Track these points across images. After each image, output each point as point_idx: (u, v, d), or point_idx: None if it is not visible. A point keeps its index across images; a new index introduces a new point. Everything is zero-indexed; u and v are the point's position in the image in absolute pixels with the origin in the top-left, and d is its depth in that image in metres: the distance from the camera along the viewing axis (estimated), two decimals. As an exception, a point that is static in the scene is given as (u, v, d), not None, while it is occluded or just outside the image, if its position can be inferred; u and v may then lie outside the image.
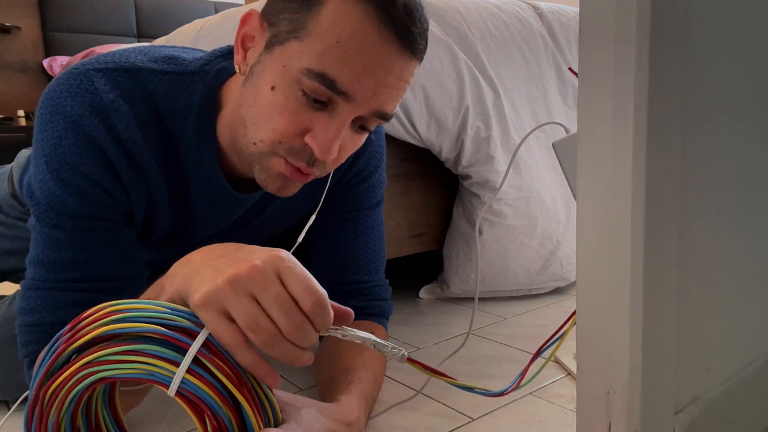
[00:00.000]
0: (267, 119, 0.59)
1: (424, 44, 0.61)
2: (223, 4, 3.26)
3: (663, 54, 0.43)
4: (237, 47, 0.63)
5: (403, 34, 0.57)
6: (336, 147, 0.59)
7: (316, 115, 0.59)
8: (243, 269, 0.47)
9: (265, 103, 0.59)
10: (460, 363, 0.91)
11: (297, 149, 0.60)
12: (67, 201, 0.61)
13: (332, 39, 0.56)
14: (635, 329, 0.46)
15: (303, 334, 0.47)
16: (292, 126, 0.59)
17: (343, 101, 0.58)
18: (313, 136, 0.59)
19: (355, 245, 0.82)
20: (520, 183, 1.20)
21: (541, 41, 1.30)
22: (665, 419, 0.50)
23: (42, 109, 0.62)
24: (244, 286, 0.47)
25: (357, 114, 0.59)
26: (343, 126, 0.59)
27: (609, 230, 0.45)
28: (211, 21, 1.41)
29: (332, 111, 0.59)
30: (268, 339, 0.47)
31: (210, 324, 0.46)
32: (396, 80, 0.59)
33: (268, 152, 0.61)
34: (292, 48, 0.57)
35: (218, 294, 0.46)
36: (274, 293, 0.47)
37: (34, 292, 0.63)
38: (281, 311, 0.47)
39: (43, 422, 0.47)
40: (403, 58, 0.58)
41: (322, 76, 0.56)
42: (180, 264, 0.53)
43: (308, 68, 0.56)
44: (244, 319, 0.46)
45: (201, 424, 0.45)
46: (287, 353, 0.48)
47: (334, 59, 0.56)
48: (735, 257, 0.59)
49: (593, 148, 0.46)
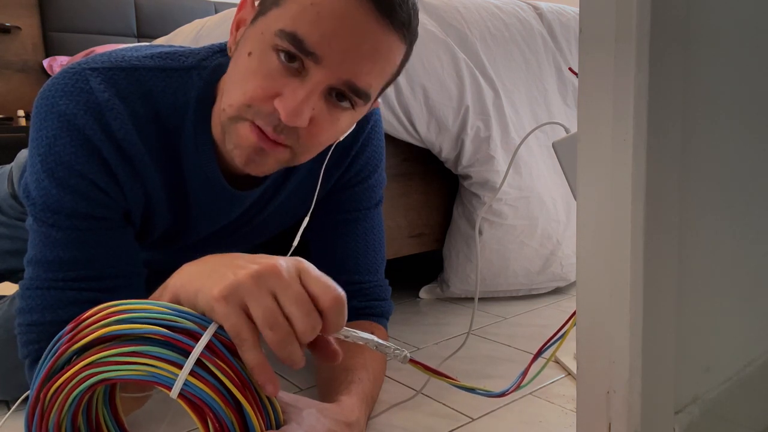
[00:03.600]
0: (240, 83, 0.59)
1: (407, 18, 0.59)
2: (223, 4, 3.26)
3: (663, 54, 0.43)
4: (231, 32, 0.64)
5: (381, 1, 0.56)
6: (305, 112, 0.58)
7: (288, 80, 0.58)
8: (267, 266, 0.47)
9: (241, 70, 0.60)
10: (460, 363, 0.91)
11: (265, 112, 0.59)
12: (63, 200, 0.61)
13: (307, 1, 0.56)
14: (635, 329, 0.46)
15: (314, 336, 0.48)
16: (261, 90, 0.58)
17: (312, 64, 0.57)
18: (282, 100, 0.58)
19: (355, 245, 0.82)
20: (520, 183, 1.20)
21: (541, 41, 1.30)
22: (665, 419, 0.50)
23: (37, 108, 0.62)
24: (266, 282, 0.46)
25: (328, 82, 0.58)
26: (314, 92, 0.58)
27: (609, 230, 0.46)
28: (211, 21, 1.42)
29: (304, 77, 0.58)
30: (284, 338, 0.46)
31: (229, 317, 0.46)
32: (370, 50, 0.58)
33: (236, 116, 0.60)
34: (271, 15, 0.58)
35: (240, 288, 0.46)
36: (295, 292, 0.47)
37: (33, 292, 0.63)
38: (300, 310, 0.46)
39: (43, 423, 0.47)
40: (379, 26, 0.57)
41: (293, 35, 0.56)
42: (188, 265, 0.52)
43: (281, 29, 0.57)
44: (263, 314, 0.46)
45: (203, 426, 0.45)
46: (294, 354, 0.47)
47: (307, 20, 0.56)
48: (735, 257, 0.59)
49: (593, 148, 0.46)
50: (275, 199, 0.78)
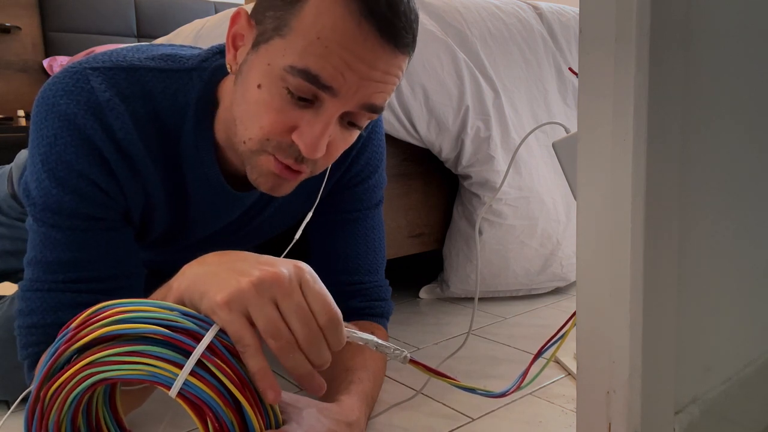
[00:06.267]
0: (254, 117, 0.59)
1: (411, 37, 0.59)
2: (223, 4, 3.25)
3: (663, 54, 0.43)
4: (228, 46, 0.63)
5: (385, 28, 0.56)
6: (323, 144, 0.59)
7: (302, 113, 0.58)
8: (268, 275, 0.48)
9: (252, 102, 0.59)
10: (460, 363, 0.91)
11: (284, 146, 0.60)
12: (64, 200, 0.61)
13: (313, 35, 0.55)
14: (635, 329, 0.46)
15: (317, 348, 0.49)
16: (278, 124, 0.59)
17: (328, 97, 0.57)
18: (300, 134, 0.58)
19: (355, 246, 0.82)
20: (520, 183, 1.20)
21: (541, 41, 1.30)
22: (665, 419, 0.50)
23: (38, 108, 0.62)
24: (268, 290, 0.47)
25: (343, 110, 0.59)
26: (330, 123, 0.58)
27: (609, 230, 0.46)
28: (211, 21, 1.42)
29: (318, 108, 0.58)
30: (285, 346, 0.48)
31: (232, 324, 0.47)
32: (381, 75, 0.58)
33: (257, 150, 0.61)
34: (276, 46, 0.57)
35: (243, 295, 0.47)
36: (296, 302, 0.48)
37: (33, 294, 0.63)
38: (300, 321, 0.48)
39: (43, 422, 0.47)
40: (386, 52, 0.57)
41: (306, 72, 0.56)
42: (192, 265, 0.52)
43: (291, 65, 0.56)
44: (265, 323, 0.47)
45: (203, 426, 0.45)
46: (300, 364, 0.49)
47: (316, 55, 0.55)
48: (735, 257, 0.59)
49: (593, 148, 0.46)
50: (275, 200, 0.78)
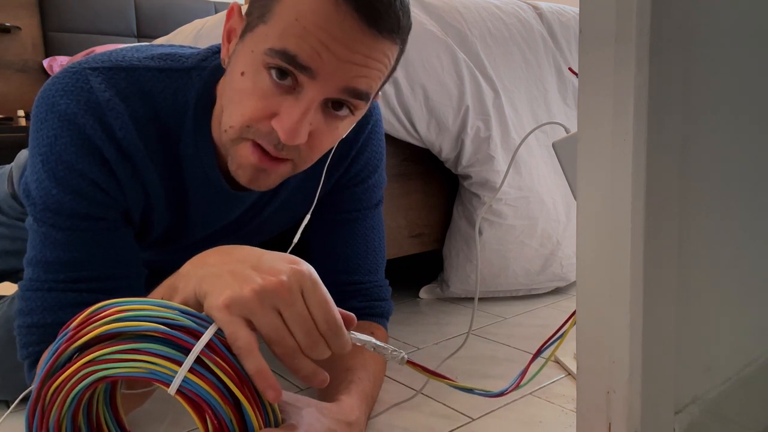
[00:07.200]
0: (237, 105, 0.59)
1: (395, 22, 0.58)
2: (223, 4, 3.25)
3: (663, 54, 0.43)
4: (223, 42, 0.63)
5: (364, 10, 0.55)
6: (302, 130, 0.58)
7: (282, 99, 0.58)
8: (271, 283, 0.48)
9: (236, 90, 0.59)
10: (460, 363, 0.91)
11: (264, 132, 0.59)
12: (64, 200, 0.61)
13: (292, 17, 0.55)
14: (635, 329, 0.46)
15: (319, 352, 0.50)
16: (258, 111, 0.58)
17: (307, 79, 0.57)
18: (278, 120, 0.58)
19: (355, 245, 0.82)
20: (520, 183, 1.20)
21: (541, 41, 1.30)
22: (665, 419, 0.50)
23: (38, 108, 0.62)
24: (271, 299, 0.48)
25: (324, 95, 0.58)
26: (310, 108, 0.57)
27: (609, 230, 0.46)
28: (211, 21, 1.42)
29: (298, 94, 0.58)
30: (289, 352, 0.49)
31: (229, 326, 0.47)
32: (362, 58, 0.57)
33: (237, 138, 0.60)
34: (259, 32, 0.57)
35: (245, 303, 0.48)
36: (297, 311, 0.49)
37: (33, 293, 0.63)
38: (302, 330, 0.49)
39: (44, 421, 0.47)
40: (366, 35, 0.56)
41: (283, 52, 0.55)
42: (193, 264, 0.53)
43: (271, 48, 0.56)
44: (267, 331, 0.48)
45: (202, 423, 0.45)
46: (304, 366, 0.50)
47: (294, 36, 0.55)
48: (735, 257, 0.59)
49: (593, 148, 0.46)
50: (275, 200, 0.78)
